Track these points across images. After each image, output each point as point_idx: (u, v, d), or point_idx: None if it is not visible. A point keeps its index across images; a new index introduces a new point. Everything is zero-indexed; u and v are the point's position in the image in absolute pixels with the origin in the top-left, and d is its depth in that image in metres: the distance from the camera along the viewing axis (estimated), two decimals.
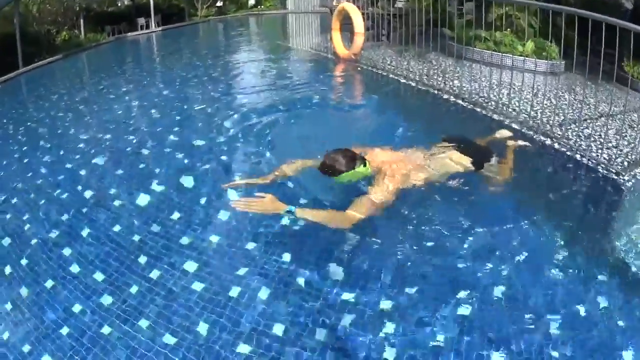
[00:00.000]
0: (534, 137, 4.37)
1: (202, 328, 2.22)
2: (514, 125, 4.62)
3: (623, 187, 3.53)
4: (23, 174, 4.00)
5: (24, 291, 2.56)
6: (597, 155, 3.95)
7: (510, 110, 5.11)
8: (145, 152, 4.22)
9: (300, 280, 2.48)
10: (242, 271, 2.57)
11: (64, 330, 2.27)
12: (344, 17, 7.91)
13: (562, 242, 2.81)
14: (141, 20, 13.31)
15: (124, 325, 2.27)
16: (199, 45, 11.88)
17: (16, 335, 2.28)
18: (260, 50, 10.60)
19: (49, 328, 2.29)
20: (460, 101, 5.50)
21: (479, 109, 5.20)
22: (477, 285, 2.44)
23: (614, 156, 3.95)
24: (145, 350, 2.12)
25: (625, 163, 3.85)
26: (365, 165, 2.91)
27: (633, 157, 3.95)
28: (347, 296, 2.36)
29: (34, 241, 3.01)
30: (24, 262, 2.81)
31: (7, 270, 2.75)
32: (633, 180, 3.62)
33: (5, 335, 2.29)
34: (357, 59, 7.71)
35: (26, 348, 2.20)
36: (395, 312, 2.28)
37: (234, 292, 2.42)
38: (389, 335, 2.14)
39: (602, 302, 2.36)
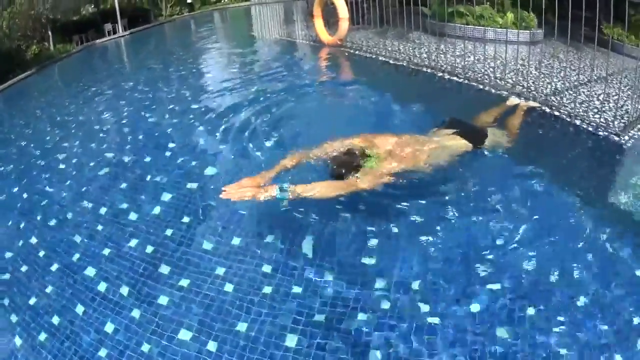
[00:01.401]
0: (531, 104, 4.40)
1: (242, 327, 2.23)
2: (514, 98, 4.63)
3: (624, 147, 3.66)
4: (25, 196, 3.89)
5: (55, 319, 2.49)
6: (596, 119, 4.02)
7: (504, 83, 5.16)
8: (146, 159, 4.12)
9: (328, 272, 2.49)
10: (268, 268, 2.57)
11: (102, 352, 2.23)
12: (324, 4, 7.88)
13: (575, 200, 2.99)
14: (108, 26, 13.00)
15: (160, 339, 2.24)
16: (173, 45, 11.66)
17: None
18: (236, 43, 10.43)
19: (87, 352, 2.25)
20: (455, 78, 5.55)
21: (474, 84, 5.25)
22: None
23: (610, 119, 4.03)
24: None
25: (622, 125, 3.93)
26: (371, 159, 2.87)
27: (628, 118, 4.03)
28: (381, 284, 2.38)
29: (54, 267, 2.94)
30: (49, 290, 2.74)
31: (33, 300, 2.67)
32: (632, 141, 3.73)
33: None
34: (342, 44, 7.69)
35: None
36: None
37: (267, 289, 2.42)
38: None
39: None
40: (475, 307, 2.20)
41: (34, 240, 3.22)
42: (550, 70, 5.52)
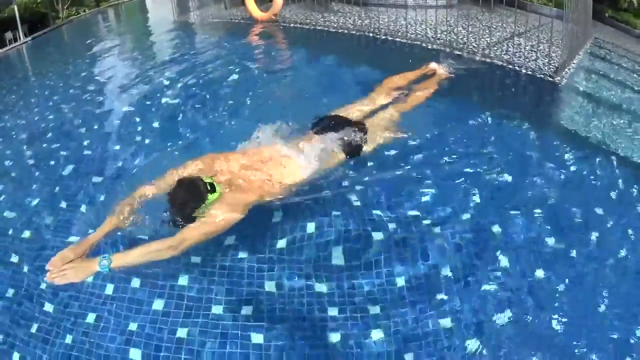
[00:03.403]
0: (475, 58, 4.92)
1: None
2: (457, 52, 5.11)
3: (559, 85, 4.29)
4: None
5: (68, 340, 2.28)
6: (531, 65, 4.64)
7: (443, 40, 5.58)
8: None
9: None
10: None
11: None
12: None
13: (527, 130, 3.44)
14: (8, 35, 12.21)
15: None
16: (88, 44, 11.06)
17: None
18: (150, 33, 9.99)
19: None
20: (398, 39, 5.85)
21: (419, 43, 5.59)
22: None
23: (541, 65, 4.71)
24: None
25: (553, 68, 4.64)
26: (214, 191, 2.41)
27: (555, 64, 4.70)
28: None
29: None
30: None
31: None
32: (564, 80, 4.43)
33: None
34: (276, 19, 7.65)
35: None
36: None
37: None
38: None
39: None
40: None
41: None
42: (476, 29, 6.02)
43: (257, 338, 2.09)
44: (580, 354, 1.98)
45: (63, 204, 3.18)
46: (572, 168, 3.04)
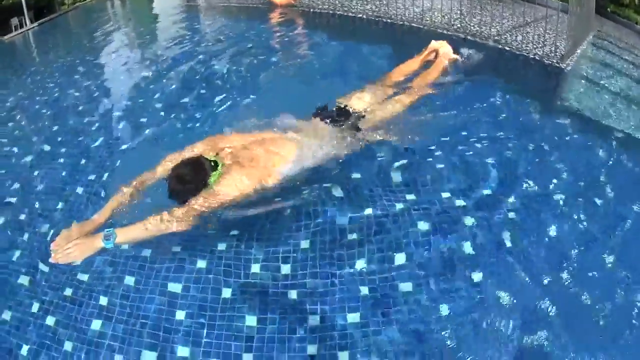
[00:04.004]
0: (488, 44, 5.16)
1: None
2: (470, 38, 5.33)
3: (565, 71, 4.53)
4: None
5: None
6: (539, 52, 4.84)
7: (457, 27, 5.75)
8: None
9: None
10: None
11: None
12: None
13: (535, 110, 3.64)
14: (14, 21, 12.20)
15: None
16: (95, 30, 10.72)
17: None
18: (165, 19, 9.54)
19: None
20: (414, 24, 6.03)
21: (434, 29, 5.76)
22: None
23: (548, 52, 4.90)
24: None
25: (559, 56, 4.82)
26: (217, 168, 2.45)
27: (560, 52, 4.87)
28: None
29: None
30: None
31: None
32: (569, 67, 4.62)
33: None
34: (295, 3, 7.59)
35: None
36: None
37: None
38: None
39: None
40: None
41: None
42: (487, 18, 6.15)
43: (293, 294, 2.22)
44: None
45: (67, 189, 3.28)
46: (576, 141, 3.25)
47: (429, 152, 2.99)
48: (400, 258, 2.26)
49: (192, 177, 2.39)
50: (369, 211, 2.47)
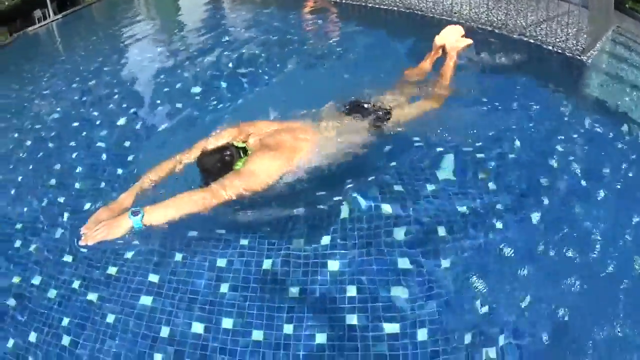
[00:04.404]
0: (513, 36, 5.31)
1: None
2: (497, 31, 5.48)
3: (587, 64, 4.67)
4: None
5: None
6: (561, 45, 4.96)
7: (484, 20, 5.87)
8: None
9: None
10: None
11: None
12: None
13: (558, 100, 3.80)
14: (37, 13, 12.31)
15: None
16: (120, 21, 10.48)
17: None
18: (192, 8, 9.49)
19: None
20: (445, 17, 6.11)
21: (463, 21, 5.82)
22: None
23: (570, 45, 4.99)
24: None
25: (580, 49, 4.91)
26: (246, 153, 2.54)
27: (582, 45, 4.96)
28: None
29: None
30: None
31: None
32: (590, 60, 4.72)
33: None
34: None
35: None
36: None
37: None
38: None
39: None
40: None
41: None
42: (511, 12, 6.22)
43: (334, 265, 2.33)
44: None
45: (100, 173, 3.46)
46: (599, 131, 3.35)
47: (461, 143, 3.07)
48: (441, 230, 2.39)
49: (221, 163, 2.48)
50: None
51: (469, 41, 3.76)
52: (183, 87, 4.90)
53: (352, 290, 2.23)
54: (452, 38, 3.74)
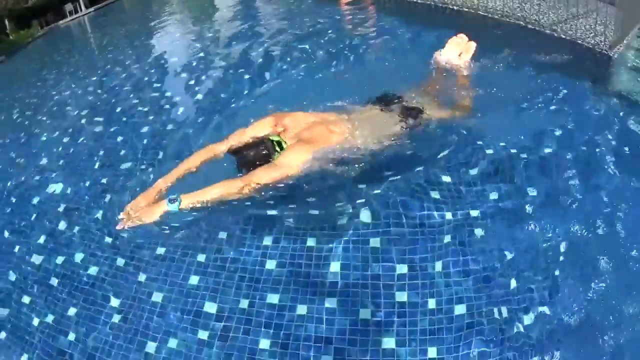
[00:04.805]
0: (545, 32, 5.40)
1: None
2: (530, 26, 5.57)
3: (613, 58, 4.74)
4: None
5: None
6: (590, 41, 5.05)
7: (516, 16, 5.97)
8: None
9: None
10: None
11: None
12: None
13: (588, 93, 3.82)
14: (69, 6, 12.66)
15: None
16: (154, 14, 10.88)
17: None
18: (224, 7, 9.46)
19: None
20: (481, 12, 6.27)
21: (496, 17, 6.04)
22: None
23: (598, 41, 5.05)
24: None
25: (607, 45, 4.98)
26: (282, 147, 2.65)
27: (609, 41, 5.01)
28: None
29: None
30: None
31: None
32: (616, 55, 4.78)
33: None
34: None
35: None
36: None
37: None
38: None
39: None
40: None
41: None
42: (543, 8, 6.25)
43: (375, 242, 2.45)
44: None
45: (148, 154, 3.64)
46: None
47: (492, 140, 3.13)
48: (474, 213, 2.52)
49: (256, 157, 2.59)
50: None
51: (473, 48, 3.58)
52: (218, 77, 5.10)
53: (403, 269, 2.34)
54: (453, 55, 3.60)
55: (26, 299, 2.71)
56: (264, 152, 2.60)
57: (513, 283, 2.27)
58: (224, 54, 5.81)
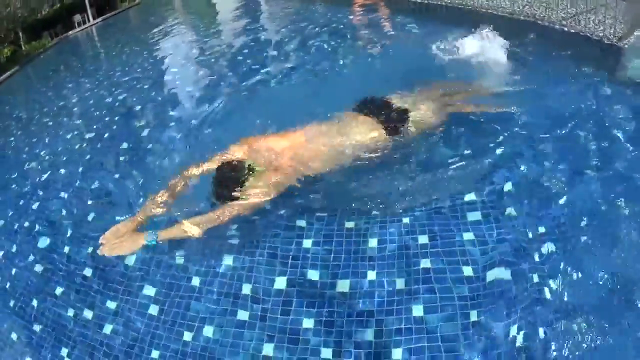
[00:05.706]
0: (555, 27, 5.51)
1: None
2: (540, 22, 5.70)
3: (623, 48, 4.82)
4: None
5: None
6: (600, 34, 5.17)
7: (527, 13, 6.08)
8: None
9: None
10: None
11: None
12: None
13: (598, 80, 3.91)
14: (77, 17, 12.92)
15: None
16: (160, 24, 10.83)
17: None
18: (230, 9, 9.61)
19: None
20: (492, 11, 6.40)
21: (506, 15, 6.16)
22: None
23: (608, 34, 5.17)
24: None
25: (617, 37, 5.10)
26: (253, 172, 2.69)
27: (618, 34, 5.14)
28: None
29: None
30: None
31: None
32: (626, 45, 4.90)
33: None
34: None
35: None
36: None
37: None
38: None
39: None
40: None
41: None
42: (552, 4, 6.31)
43: (405, 220, 2.60)
44: None
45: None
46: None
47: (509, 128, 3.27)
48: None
49: (231, 182, 2.64)
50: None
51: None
52: (220, 87, 5.25)
53: (424, 239, 2.49)
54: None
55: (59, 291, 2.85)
56: (237, 178, 2.65)
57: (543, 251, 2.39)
58: (225, 65, 5.97)
